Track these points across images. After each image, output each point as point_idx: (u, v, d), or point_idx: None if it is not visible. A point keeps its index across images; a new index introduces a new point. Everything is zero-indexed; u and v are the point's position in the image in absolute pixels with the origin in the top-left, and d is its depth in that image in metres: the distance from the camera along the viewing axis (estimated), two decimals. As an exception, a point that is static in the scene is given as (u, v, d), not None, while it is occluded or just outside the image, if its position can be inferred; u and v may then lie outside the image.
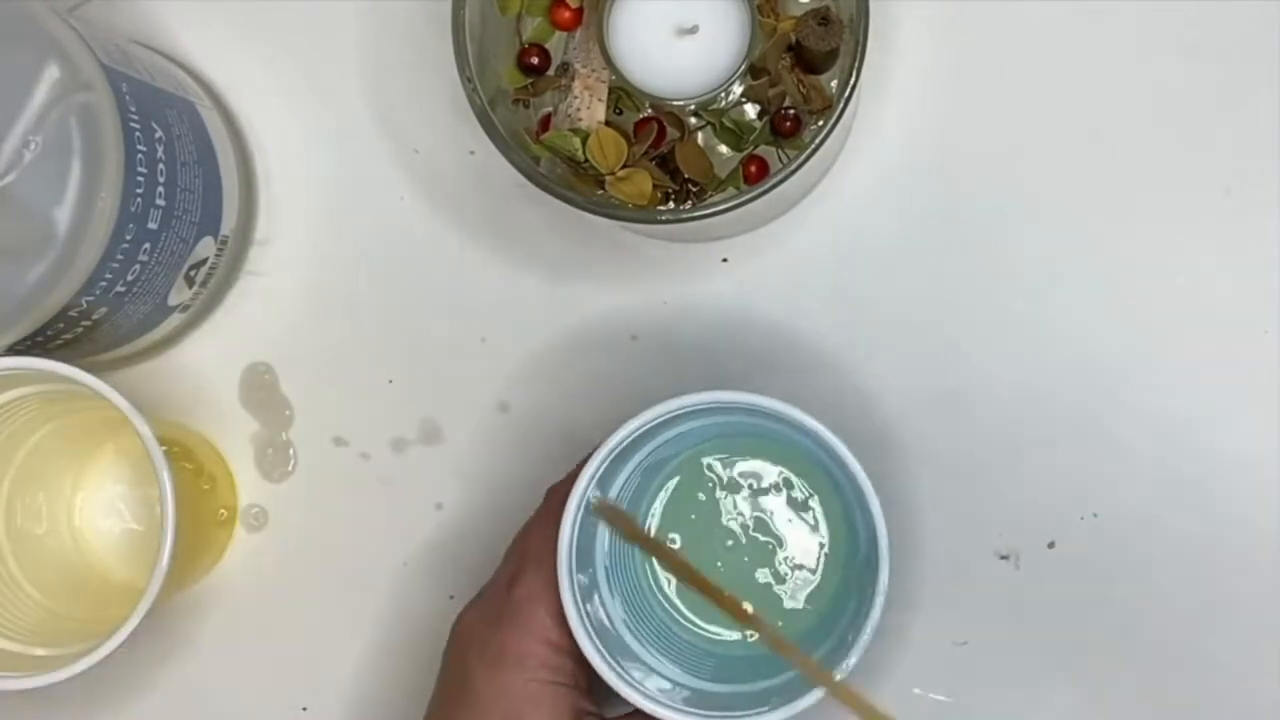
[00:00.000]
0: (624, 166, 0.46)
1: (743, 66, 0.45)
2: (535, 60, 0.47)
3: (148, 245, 0.45)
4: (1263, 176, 0.51)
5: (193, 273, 0.49)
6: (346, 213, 0.53)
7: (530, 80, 0.47)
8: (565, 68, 0.47)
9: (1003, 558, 0.52)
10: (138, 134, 0.43)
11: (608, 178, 0.46)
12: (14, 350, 0.44)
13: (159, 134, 0.45)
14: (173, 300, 0.49)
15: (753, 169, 0.47)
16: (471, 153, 0.53)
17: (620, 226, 0.50)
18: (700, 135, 0.48)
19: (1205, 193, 0.52)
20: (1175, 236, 0.52)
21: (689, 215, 0.44)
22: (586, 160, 0.46)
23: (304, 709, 0.53)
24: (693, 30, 0.45)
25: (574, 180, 0.47)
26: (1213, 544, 0.51)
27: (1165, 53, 0.52)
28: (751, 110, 0.47)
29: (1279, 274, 0.51)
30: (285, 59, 0.53)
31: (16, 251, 0.40)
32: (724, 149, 0.48)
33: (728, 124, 0.47)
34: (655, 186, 0.46)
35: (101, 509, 0.53)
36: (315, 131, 0.53)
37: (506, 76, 0.47)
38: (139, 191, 0.43)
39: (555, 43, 0.48)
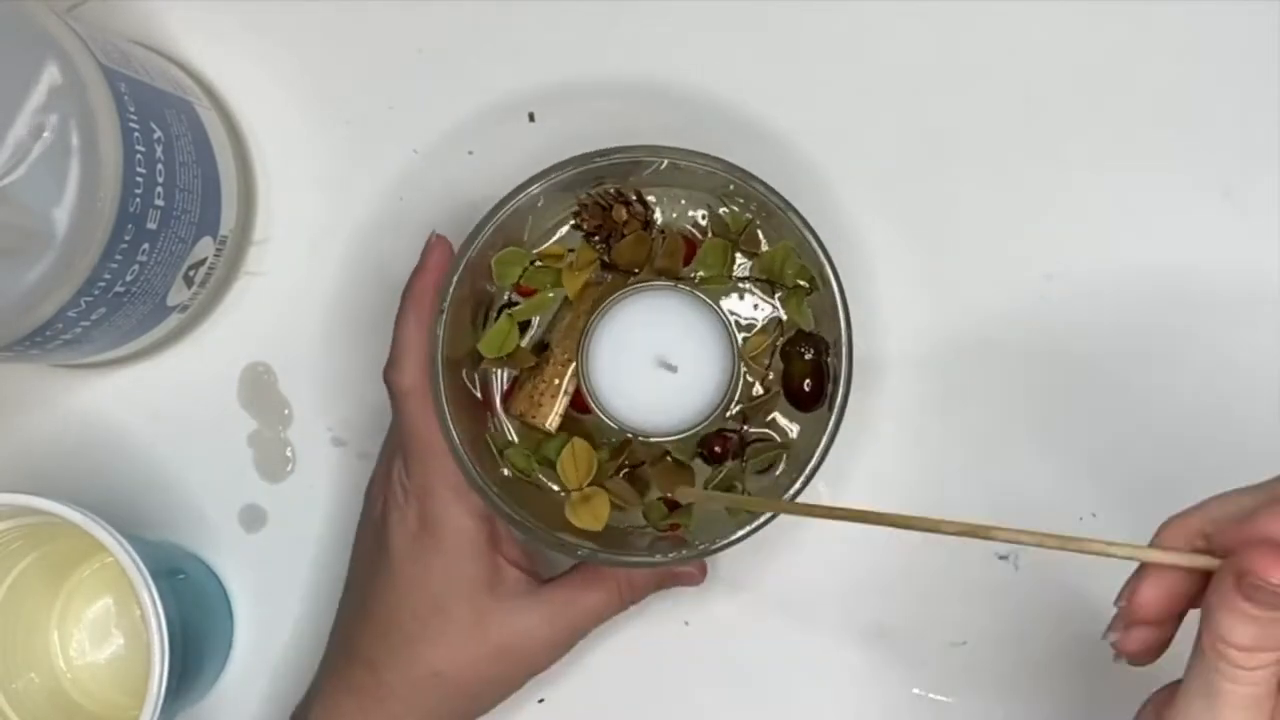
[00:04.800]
0: (590, 483, 0.45)
1: (719, 408, 0.45)
2: (511, 300, 0.47)
3: (146, 245, 0.44)
4: (1263, 177, 0.51)
5: (191, 273, 0.49)
6: (345, 213, 0.53)
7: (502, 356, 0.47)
8: (543, 347, 0.47)
9: (1002, 558, 0.52)
10: (136, 134, 0.43)
11: (570, 493, 0.45)
12: (13, 350, 0.44)
13: (158, 134, 0.45)
14: (171, 300, 0.49)
15: (715, 449, 0.47)
16: (470, 153, 0.53)
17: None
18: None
19: (1205, 193, 0.52)
20: (1175, 237, 0.52)
21: (636, 562, 0.45)
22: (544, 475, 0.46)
23: (303, 709, 0.53)
24: (672, 369, 0.44)
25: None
26: (1212, 544, 0.51)
27: (1165, 53, 0.52)
28: None
29: (1279, 274, 0.51)
30: (284, 59, 0.53)
31: (15, 252, 0.40)
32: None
33: (702, 451, 0.46)
34: (614, 507, 0.45)
35: (89, 634, 0.52)
36: (314, 131, 0.53)
37: (484, 345, 0.46)
38: (138, 192, 0.43)
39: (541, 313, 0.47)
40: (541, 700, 0.52)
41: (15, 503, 0.45)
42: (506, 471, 0.47)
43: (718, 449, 0.46)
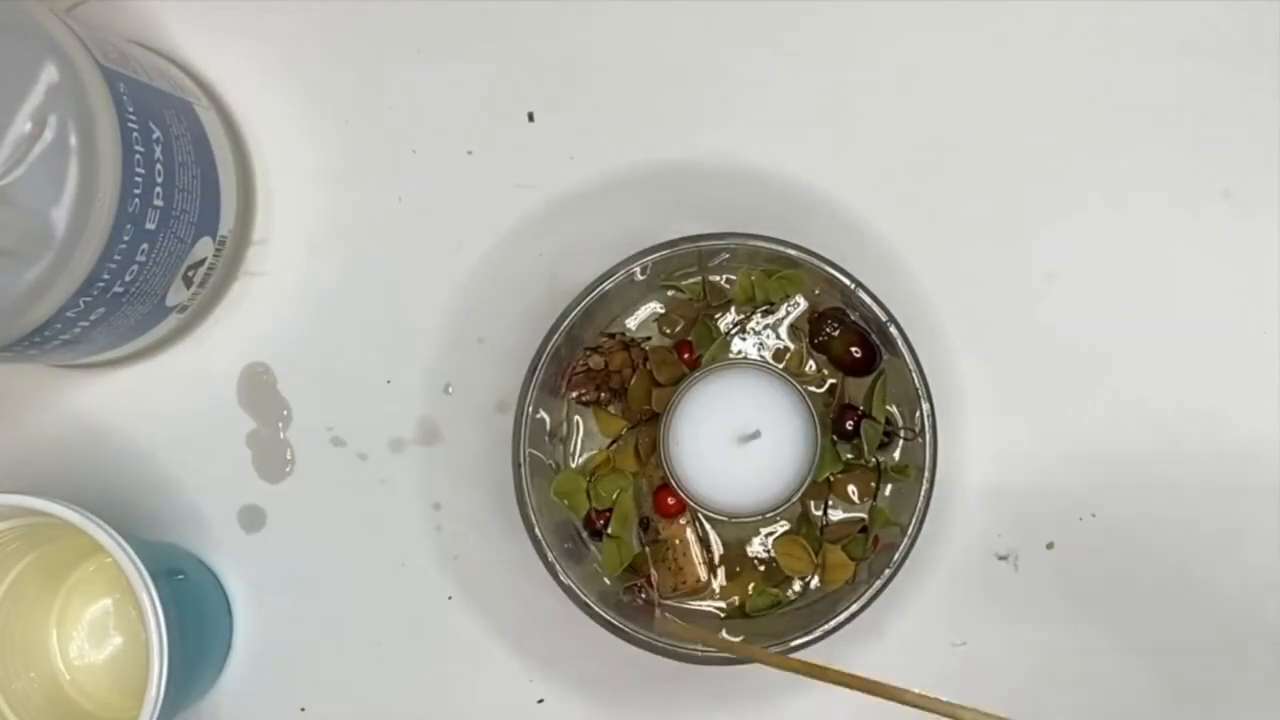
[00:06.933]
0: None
1: (815, 456, 0.44)
2: (601, 524, 0.47)
3: (145, 246, 0.44)
4: (1263, 177, 0.51)
5: (191, 273, 0.49)
6: (344, 213, 0.53)
7: (628, 566, 0.47)
8: (645, 523, 0.47)
9: (1001, 558, 0.52)
10: (135, 134, 0.43)
11: (812, 573, 0.46)
12: (11, 350, 0.43)
13: (157, 134, 0.45)
14: (171, 301, 0.49)
15: (847, 425, 0.46)
16: (470, 153, 0.53)
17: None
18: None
19: (1205, 194, 0.52)
20: (1175, 237, 0.52)
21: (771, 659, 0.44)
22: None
23: (302, 709, 0.52)
24: (755, 435, 0.43)
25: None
26: (1212, 544, 0.51)
27: (1165, 53, 0.52)
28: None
29: (1279, 274, 0.51)
30: (283, 59, 0.53)
31: (14, 252, 0.40)
32: None
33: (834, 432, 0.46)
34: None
35: (88, 635, 0.52)
36: (313, 131, 0.53)
37: (607, 568, 0.47)
38: (137, 192, 0.43)
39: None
40: (541, 700, 0.52)
41: (13, 503, 0.44)
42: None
43: (849, 425, 0.46)
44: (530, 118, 0.53)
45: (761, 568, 0.47)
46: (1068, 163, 0.52)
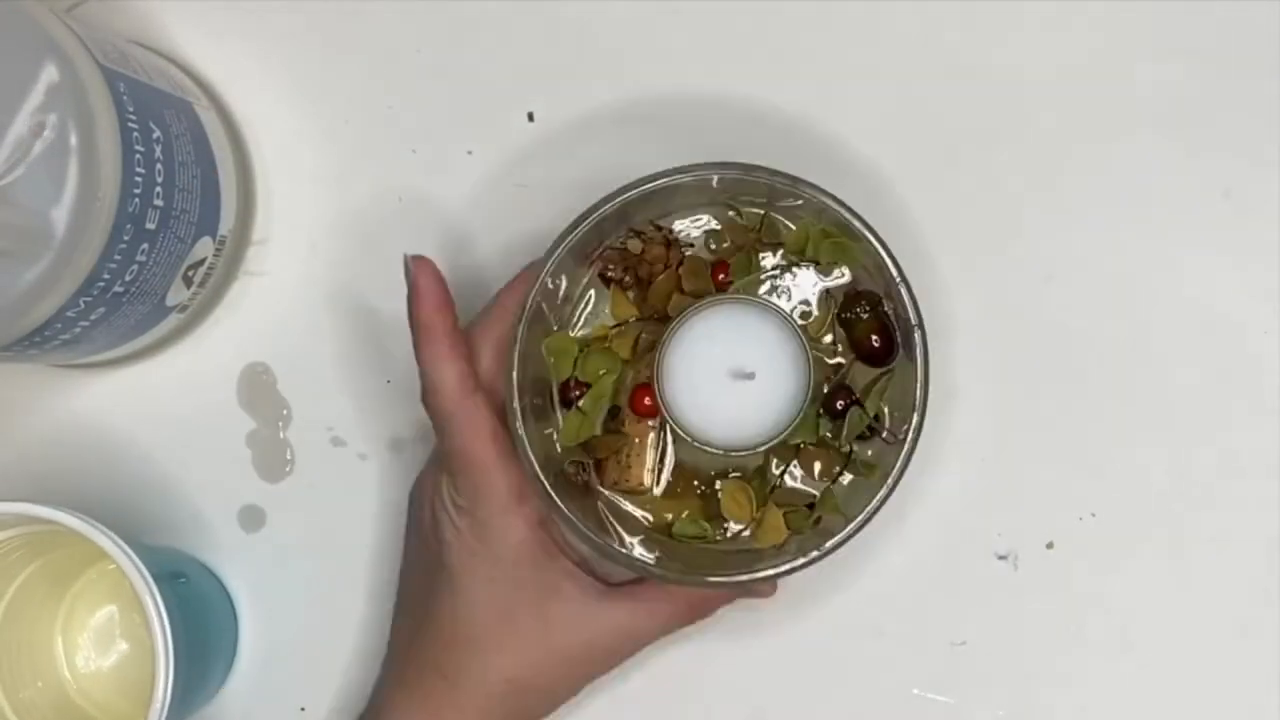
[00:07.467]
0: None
1: (800, 414, 0.44)
2: (576, 394, 0.47)
3: (146, 245, 0.44)
4: (1263, 177, 0.51)
5: (191, 273, 0.49)
6: (344, 213, 0.53)
7: (583, 443, 0.47)
8: (615, 411, 0.47)
9: (1001, 558, 0.52)
10: (135, 134, 0.43)
11: (747, 525, 0.46)
12: (11, 350, 0.43)
13: (157, 134, 0.45)
14: (171, 300, 0.49)
15: (838, 404, 0.46)
16: (470, 153, 0.53)
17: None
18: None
19: (1205, 194, 0.52)
20: (1175, 237, 0.52)
21: (714, 583, 0.45)
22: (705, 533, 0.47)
23: (302, 709, 0.52)
24: (750, 376, 0.44)
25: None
26: (1212, 544, 0.51)
27: (1165, 53, 0.52)
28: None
29: (1279, 274, 0.51)
30: (283, 59, 0.53)
31: (14, 252, 0.40)
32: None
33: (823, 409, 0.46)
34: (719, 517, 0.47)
35: (94, 641, 0.52)
36: (313, 131, 0.53)
37: (562, 437, 0.47)
38: (137, 192, 0.43)
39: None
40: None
41: (16, 511, 0.44)
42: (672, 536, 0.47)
43: (839, 405, 0.46)
44: (530, 118, 0.53)
45: (701, 499, 0.47)
46: (1068, 162, 0.52)
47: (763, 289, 0.47)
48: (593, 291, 0.48)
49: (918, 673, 0.52)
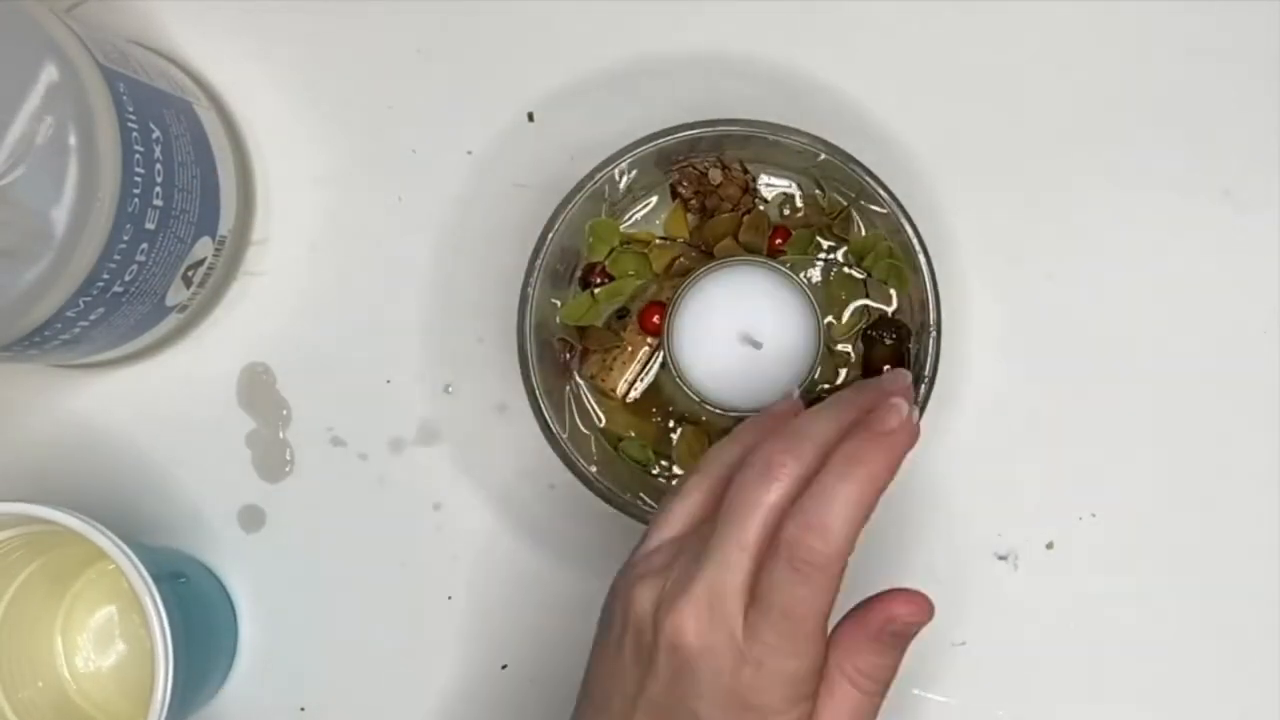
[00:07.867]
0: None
1: (807, 381, 0.45)
2: (598, 281, 0.48)
3: (145, 245, 0.44)
4: (1263, 177, 0.51)
5: (190, 273, 0.49)
6: (344, 213, 0.53)
7: (581, 327, 0.48)
8: (623, 313, 0.48)
9: (1001, 558, 0.52)
10: (135, 134, 0.43)
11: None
12: (11, 350, 0.43)
13: (156, 134, 0.45)
14: (170, 300, 0.49)
15: None
16: (470, 153, 0.53)
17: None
18: None
19: (1205, 193, 0.52)
20: (1175, 237, 0.52)
21: None
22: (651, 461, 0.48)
23: (302, 709, 0.52)
24: (757, 345, 0.44)
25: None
26: (1212, 544, 0.51)
27: (1165, 53, 0.52)
28: None
29: (1279, 274, 0.51)
30: (283, 59, 0.53)
31: (14, 252, 0.40)
32: None
33: None
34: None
35: (93, 641, 0.52)
36: (313, 131, 0.53)
37: (565, 312, 0.48)
38: (136, 192, 0.43)
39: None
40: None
41: (16, 511, 0.44)
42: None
43: None
44: (530, 118, 0.53)
45: (658, 431, 0.48)
46: (1068, 162, 0.52)
47: (810, 272, 0.47)
48: (655, 197, 0.48)
49: (918, 673, 0.52)
